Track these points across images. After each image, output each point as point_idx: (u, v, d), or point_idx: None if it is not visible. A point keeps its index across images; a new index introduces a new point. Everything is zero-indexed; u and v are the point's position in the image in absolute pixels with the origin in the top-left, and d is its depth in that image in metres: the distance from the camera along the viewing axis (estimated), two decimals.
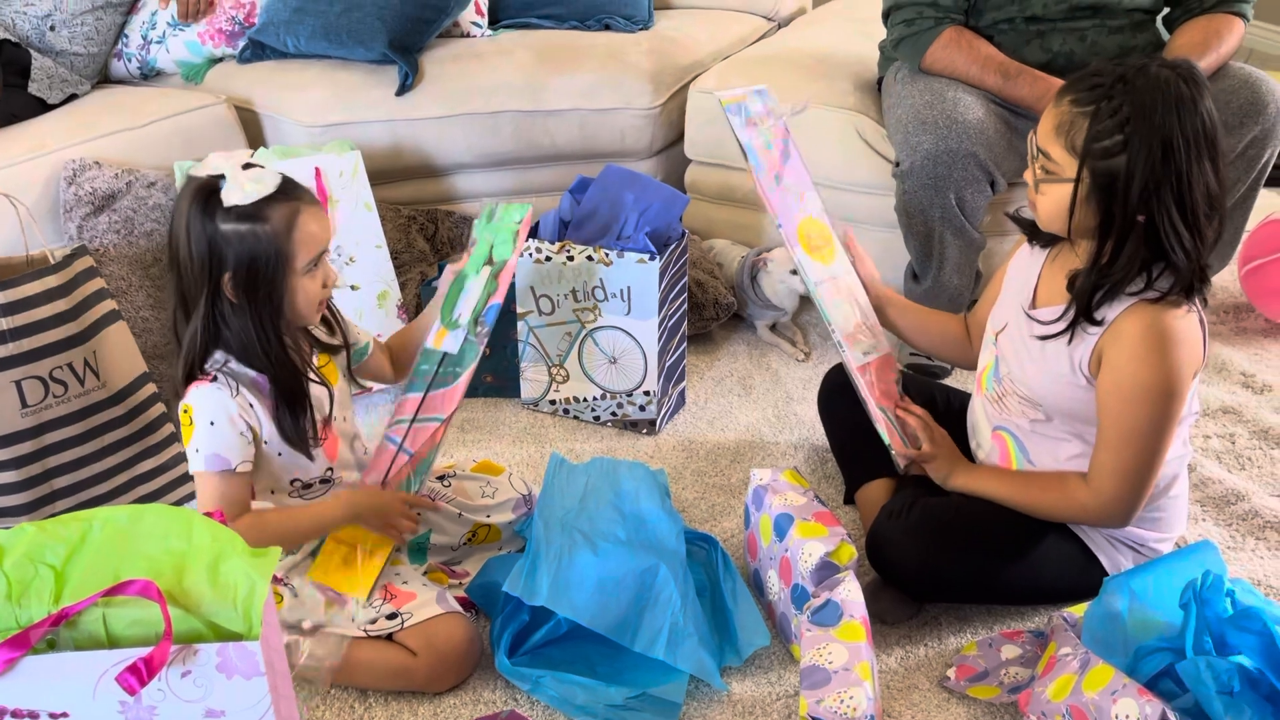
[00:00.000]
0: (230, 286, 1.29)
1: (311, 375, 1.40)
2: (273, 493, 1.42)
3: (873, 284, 1.66)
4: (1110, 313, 1.32)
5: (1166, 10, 2.04)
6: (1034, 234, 1.48)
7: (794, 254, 1.62)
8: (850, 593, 1.36)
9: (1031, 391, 1.43)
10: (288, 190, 1.30)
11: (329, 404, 1.44)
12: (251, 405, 1.33)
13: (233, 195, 1.26)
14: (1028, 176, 1.37)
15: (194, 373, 1.33)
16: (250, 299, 1.29)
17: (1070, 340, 1.36)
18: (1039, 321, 1.40)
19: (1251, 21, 2.01)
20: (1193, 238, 1.26)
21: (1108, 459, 1.36)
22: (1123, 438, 1.34)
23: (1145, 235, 1.26)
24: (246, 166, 1.29)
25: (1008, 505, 1.46)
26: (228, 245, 1.27)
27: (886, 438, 1.57)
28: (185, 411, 1.33)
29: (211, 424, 1.31)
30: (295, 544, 1.43)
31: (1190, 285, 1.29)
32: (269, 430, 1.35)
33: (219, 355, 1.34)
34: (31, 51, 2.23)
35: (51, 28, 2.28)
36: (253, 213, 1.26)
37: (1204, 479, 1.80)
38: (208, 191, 1.27)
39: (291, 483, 1.42)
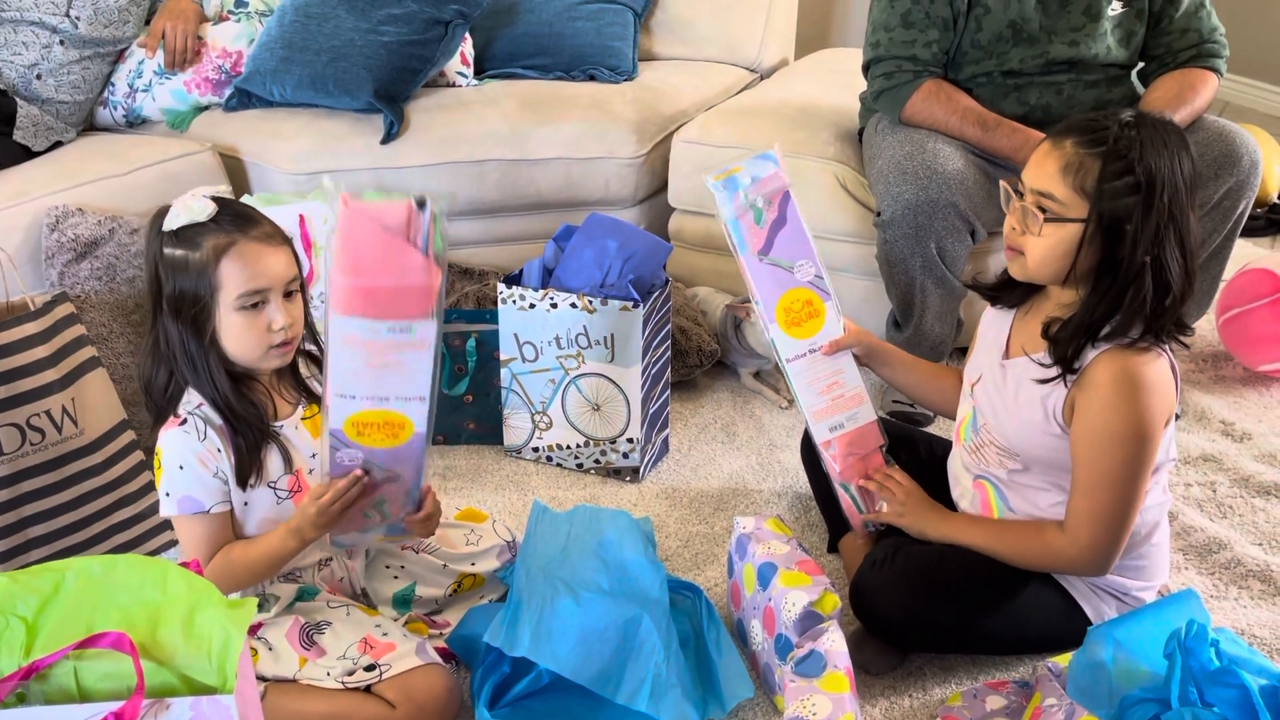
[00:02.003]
0: (165, 311, 1.31)
1: (283, 422, 1.39)
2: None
3: (863, 341, 1.63)
4: (1081, 361, 1.33)
5: (1141, 65, 2.08)
6: (995, 298, 1.50)
7: (769, 332, 1.58)
8: (834, 643, 1.35)
9: (1008, 442, 1.44)
10: (229, 222, 1.30)
11: (305, 455, 1.42)
12: (219, 450, 1.33)
13: (170, 220, 1.29)
14: (1013, 221, 1.37)
15: (164, 410, 1.34)
16: (182, 327, 1.30)
17: (1044, 389, 1.37)
18: (1037, 363, 1.40)
19: (1225, 76, 2.05)
20: (1186, 284, 1.29)
21: (1083, 506, 1.36)
22: (1097, 484, 1.34)
23: (1154, 274, 1.28)
24: (219, 201, 1.31)
25: (986, 554, 1.46)
26: (165, 269, 1.30)
27: (845, 512, 1.59)
28: (156, 455, 1.33)
29: (181, 468, 1.32)
30: (264, 576, 1.39)
31: (1166, 328, 1.30)
32: (233, 478, 1.35)
33: (192, 396, 1.33)
34: (17, 100, 2.23)
35: (38, 76, 2.29)
36: (189, 238, 1.28)
37: (1186, 527, 1.80)
38: (161, 217, 1.30)
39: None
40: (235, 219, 1.31)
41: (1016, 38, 1.99)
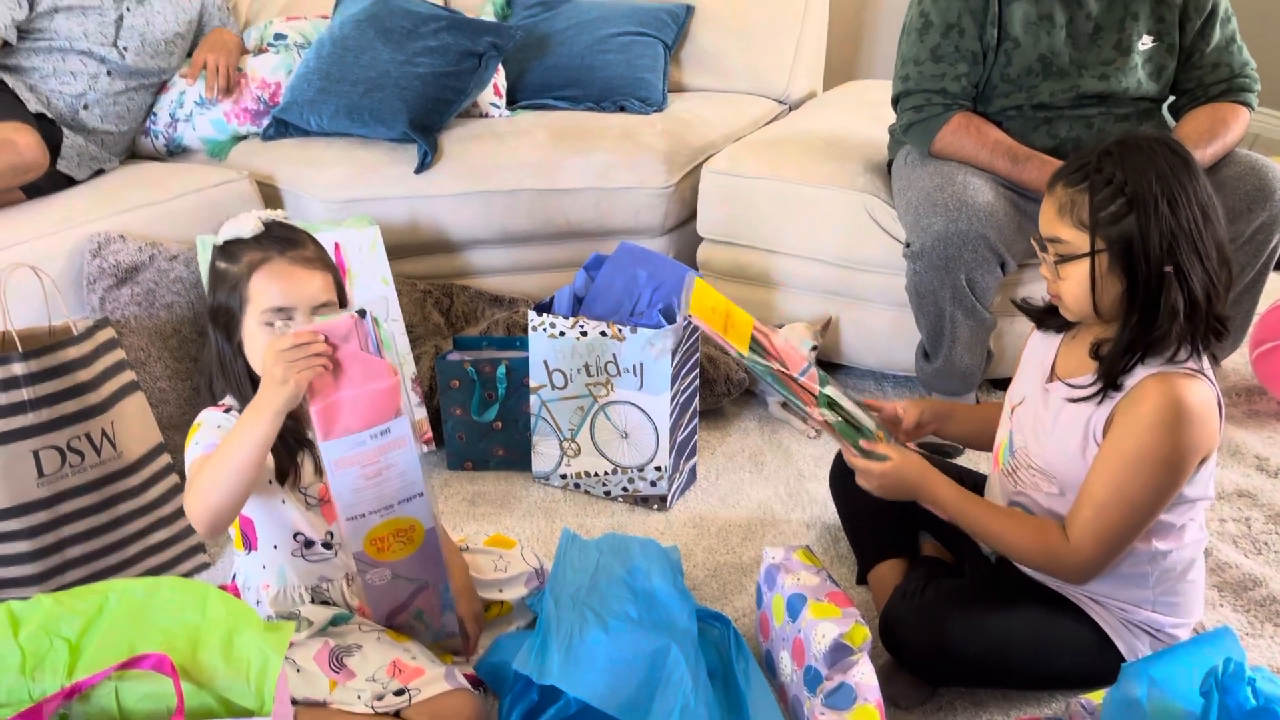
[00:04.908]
0: (209, 318, 1.39)
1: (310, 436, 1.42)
2: (276, 547, 1.42)
3: (925, 411, 1.61)
4: (1130, 379, 1.33)
5: (1172, 98, 2.08)
6: (1041, 321, 1.50)
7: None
8: (864, 675, 1.34)
9: (1046, 464, 1.43)
10: (270, 241, 1.35)
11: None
12: None
13: (220, 234, 1.37)
14: (1045, 272, 1.39)
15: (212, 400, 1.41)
16: (217, 334, 1.38)
17: (1088, 407, 1.37)
18: (1067, 384, 1.40)
19: (1257, 110, 2.05)
20: (1214, 285, 1.29)
21: (1093, 516, 1.35)
22: (1113, 502, 1.34)
23: (1179, 282, 1.28)
24: (270, 222, 1.37)
25: (975, 530, 1.45)
26: (211, 278, 1.38)
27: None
28: (194, 428, 1.37)
29: (219, 427, 1.36)
30: (245, 463, 1.28)
31: (1202, 333, 1.31)
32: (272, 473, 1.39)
33: (232, 400, 1.39)
34: (64, 129, 2.28)
35: (85, 106, 2.34)
36: (232, 252, 1.36)
37: (1220, 563, 1.78)
38: None
39: (295, 536, 1.43)
40: (277, 240, 1.36)
41: (1046, 71, 2.00)
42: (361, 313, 1.27)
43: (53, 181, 2.23)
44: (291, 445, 1.40)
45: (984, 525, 1.45)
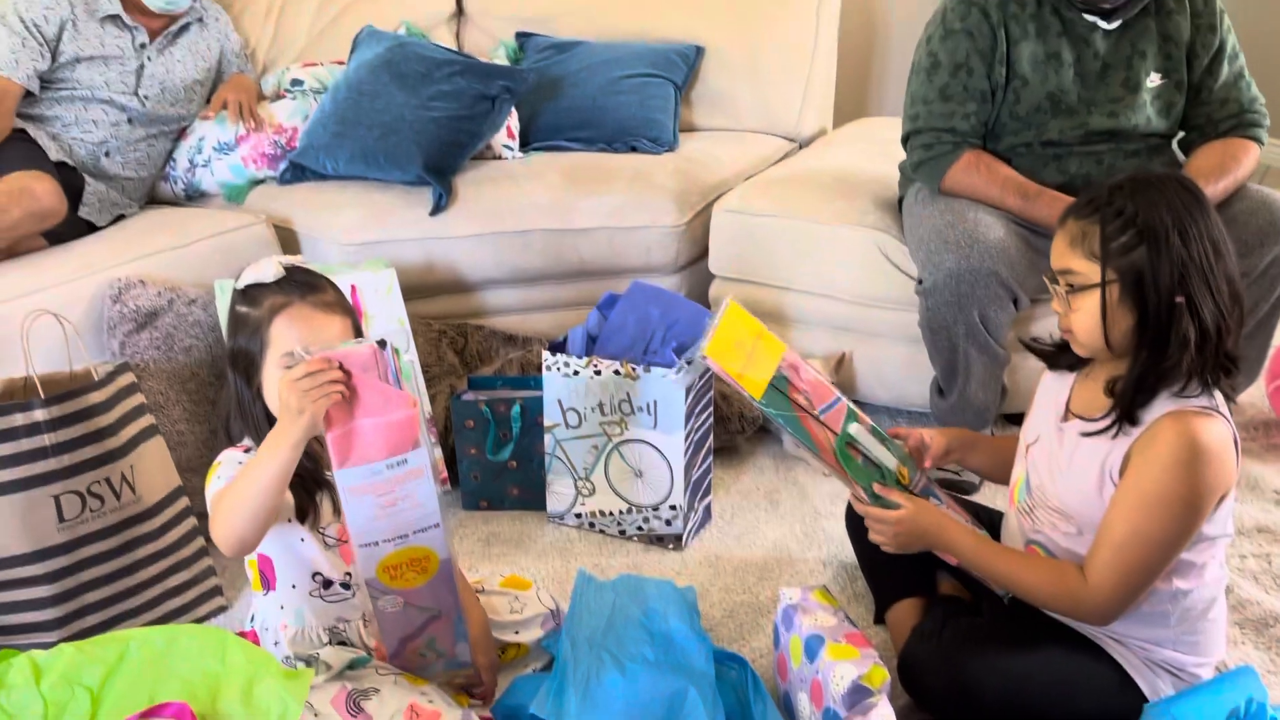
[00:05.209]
0: (229, 360, 1.40)
1: (329, 474, 1.43)
2: (294, 586, 1.43)
3: (952, 439, 1.60)
4: (1148, 415, 1.33)
5: (1182, 134, 2.09)
6: (1053, 361, 1.50)
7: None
8: (883, 717, 1.34)
9: (1062, 504, 1.43)
10: (291, 286, 1.36)
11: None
12: None
13: (241, 278, 1.38)
14: (1056, 306, 1.40)
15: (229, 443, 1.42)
16: (236, 376, 1.39)
17: (1104, 445, 1.36)
18: (1081, 418, 1.40)
19: (1267, 144, 2.06)
20: (1224, 319, 1.30)
21: (1112, 558, 1.35)
22: (1131, 542, 1.33)
23: (1190, 313, 1.29)
24: (291, 267, 1.39)
25: (992, 576, 1.45)
26: (231, 321, 1.40)
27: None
28: (215, 465, 1.38)
29: (240, 464, 1.37)
30: (265, 492, 1.28)
31: (1211, 367, 1.31)
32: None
33: (250, 442, 1.41)
34: (85, 176, 2.32)
35: (106, 154, 2.38)
36: (253, 296, 1.37)
37: (1241, 600, 1.77)
38: None
39: (314, 576, 1.44)
40: (298, 284, 1.37)
41: (1055, 109, 2.02)
42: (382, 343, 1.26)
43: (74, 228, 2.26)
44: (310, 485, 1.41)
45: (1002, 571, 1.45)
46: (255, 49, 2.79)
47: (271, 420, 1.39)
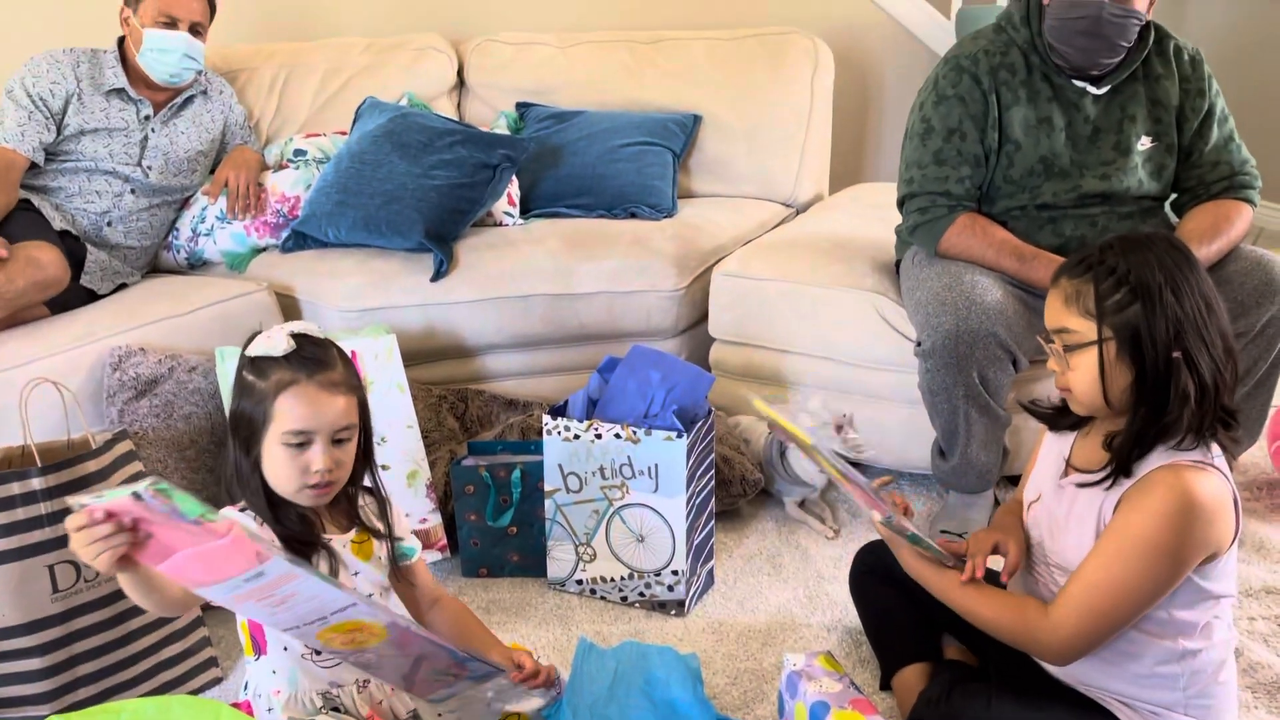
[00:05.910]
0: (229, 424, 1.39)
1: (331, 537, 1.42)
2: (286, 649, 1.40)
3: (1000, 542, 1.54)
4: (1142, 467, 1.33)
5: (1175, 196, 2.12)
6: (1054, 423, 1.50)
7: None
8: None
9: (1062, 559, 1.42)
10: (300, 363, 1.36)
11: (350, 571, 1.43)
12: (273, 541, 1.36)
13: (252, 347, 1.38)
14: (1053, 365, 1.40)
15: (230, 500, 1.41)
16: (235, 441, 1.38)
17: (1098, 496, 1.36)
18: (1079, 470, 1.39)
19: (1259, 205, 2.08)
20: (1220, 374, 1.30)
21: (1080, 596, 1.33)
22: (1103, 584, 1.32)
23: (1187, 367, 1.29)
24: (301, 339, 1.38)
25: (947, 599, 1.44)
26: (236, 387, 1.39)
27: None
28: None
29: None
30: (149, 605, 1.29)
31: (1209, 422, 1.31)
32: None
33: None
34: (88, 245, 2.34)
35: (109, 223, 2.41)
36: (262, 368, 1.36)
37: (1252, 664, 1.74)
38: (252, 339, 1.40)
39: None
40: (307, 361, 1.37)
41: (1048, 172, 2.04)
42: (137, 495, 1.06)
43: (76, 296, 2.27)
44: (302, 547, 1.38)
45: (958, 600, 1.43)
46: (259, 120, 2.84)
47: (269, 490, 1.38)
